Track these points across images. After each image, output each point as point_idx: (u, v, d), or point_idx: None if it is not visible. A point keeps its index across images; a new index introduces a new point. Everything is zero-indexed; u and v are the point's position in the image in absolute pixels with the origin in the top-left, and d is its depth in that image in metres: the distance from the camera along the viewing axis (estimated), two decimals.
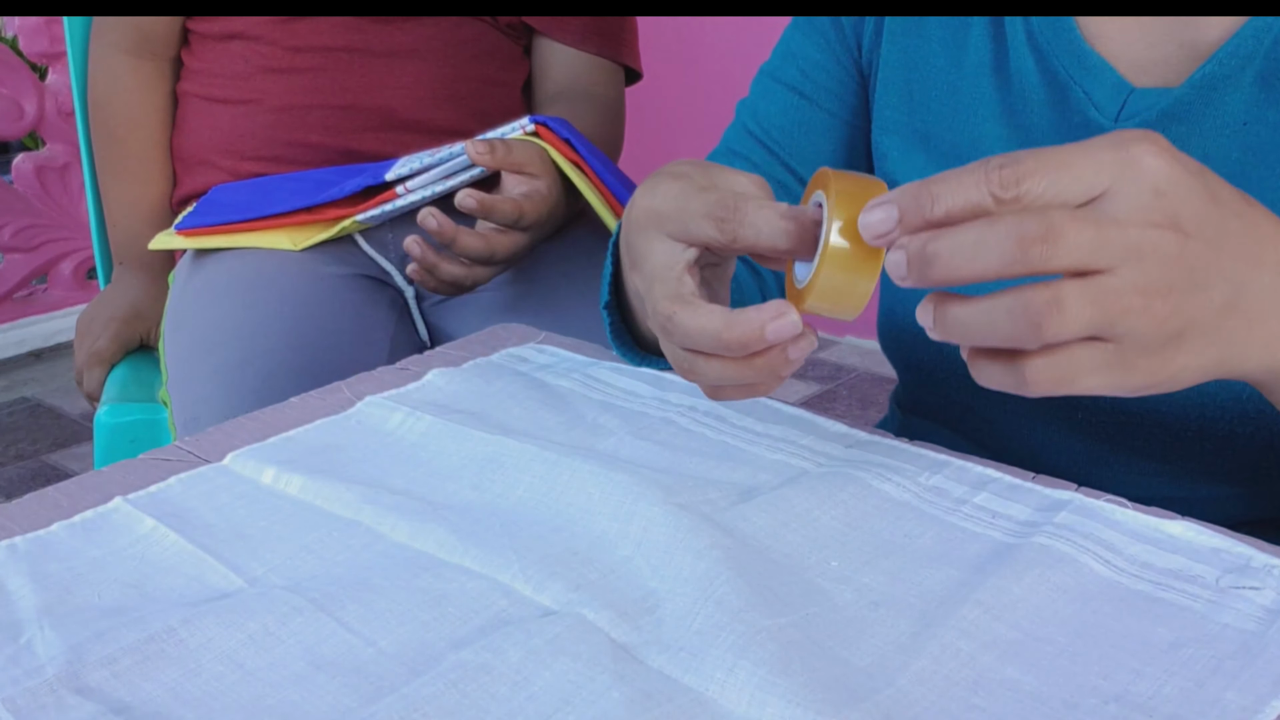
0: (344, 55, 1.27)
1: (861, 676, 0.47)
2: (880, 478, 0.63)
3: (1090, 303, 0.44)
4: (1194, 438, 0.70)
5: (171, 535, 0.58)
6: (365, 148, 1.27)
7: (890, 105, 0.81)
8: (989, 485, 0.62)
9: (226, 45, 1.29)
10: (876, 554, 0.57)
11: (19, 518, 0.59)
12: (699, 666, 0.48)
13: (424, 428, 0.68)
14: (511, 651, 0.48)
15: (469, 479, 0.63)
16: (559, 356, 0.80)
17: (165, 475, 0.63)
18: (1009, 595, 0.53)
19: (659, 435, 0.68)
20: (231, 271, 1.19)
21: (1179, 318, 0.46)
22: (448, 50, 1.29)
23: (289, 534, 0.58)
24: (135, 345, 1.38)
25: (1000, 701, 0.47)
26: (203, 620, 0.51)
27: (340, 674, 0.48)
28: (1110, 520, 0.58)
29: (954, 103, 0.78)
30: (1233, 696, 0.47)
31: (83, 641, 0.50)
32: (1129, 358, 0.46)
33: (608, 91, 1.37)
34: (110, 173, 1.38)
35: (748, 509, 0.59)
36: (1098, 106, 0.72)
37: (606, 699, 0.46)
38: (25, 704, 0.46)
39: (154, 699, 0.47)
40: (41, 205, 2.73)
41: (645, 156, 1.95)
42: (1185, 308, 0.46)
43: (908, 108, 0.80)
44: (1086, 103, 0.72)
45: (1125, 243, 0.44)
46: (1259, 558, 0.55)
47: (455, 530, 0.57)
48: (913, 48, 0.80)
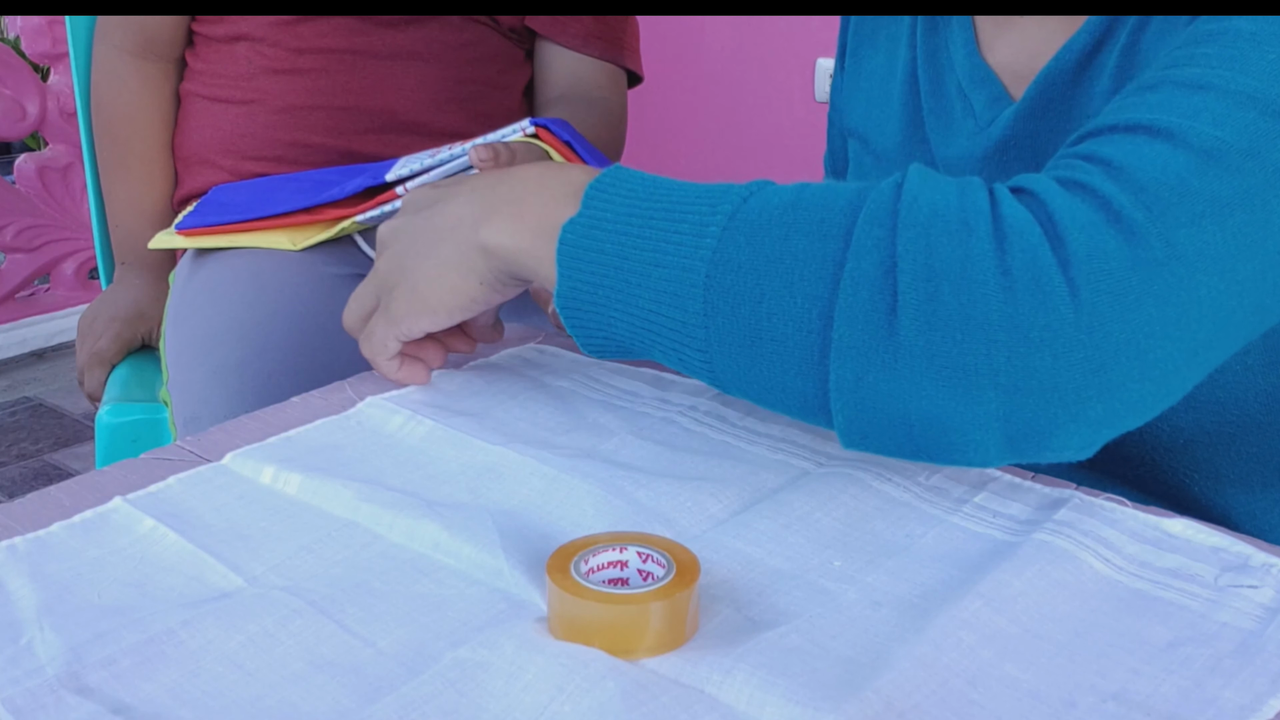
0: (347, 57, 1.28)
1: (865, 672, 0.47)
2: (881, 479, 0.63)
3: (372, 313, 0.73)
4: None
5: (171, 535, 0.58)
6: (366, 149, 1.27)
7: (847, 109, 0.88)
8: (988, 484, 0.62)
9: (231, 47, 1.30)
10: (879, 553, 0.57)
11: (20, 517, 0.59)
12: (694, 670, 0.48)
13: (424, 431, 0.68)
14: (506, 644, 0.49)
15: (465, 484, 0.63)
16: (559, 357, 0.80)
17: (166, 475, 0.63)
18: (1010, 589, 0.53)
19: (660, 435, 0.69)
20: (232, 271, 1.19)
21: (401, 278, 0.70)
22: (450, 53, 1.30)
23: (288, 534, 0.58)
24: (137, 345, 1.38)
25: (999, 698, 0.47)
26: (202, 622, 0.51)
27: (339, 674, 0.48)
28: (1109, 519, 0.58)
29: (884, 109, 0.83)
30: (1231, 695, 0.47)
31: (83, 642, 0.50)
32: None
33: (609, 95, 1.37)
34: (112, 173, 1.38)
35: (749, 516, 0.60)
36: (976, 117, 0.75)
37: (601, 689, 0.46)
38: (25, 704, 0.46)
39: (154, 699, 0.47)
40: (43, 205, 2.73)
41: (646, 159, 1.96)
42: (398, 251, 0.70)
43: (859, 111, 0.86)
44: (969, 114, 0.76)
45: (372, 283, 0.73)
46: (1258, 556, 0.55)
47: (451, 529, 0.57)
48: (865, 55, 0.85)
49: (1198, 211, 0.53)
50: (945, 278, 0.52)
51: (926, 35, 0.79)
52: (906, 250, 0.53)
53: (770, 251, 0.55)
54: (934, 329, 0.52)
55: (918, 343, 0.52)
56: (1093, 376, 0.51)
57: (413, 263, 0.68)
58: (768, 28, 2.65)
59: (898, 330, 0.52)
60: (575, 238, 0.61)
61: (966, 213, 0.53)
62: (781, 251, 0.55)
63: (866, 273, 0.53)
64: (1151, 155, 0.54)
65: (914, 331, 0.52)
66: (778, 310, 0.55)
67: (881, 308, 0.53)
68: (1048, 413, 0.52)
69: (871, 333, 0.53)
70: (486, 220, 0.66)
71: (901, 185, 0.55)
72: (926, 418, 0.53)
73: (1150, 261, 0.52)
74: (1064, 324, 0.51)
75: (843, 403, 0.55)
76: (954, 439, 0.54)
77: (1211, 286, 0.53)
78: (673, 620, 0.49)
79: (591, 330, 0.62)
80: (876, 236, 0.53)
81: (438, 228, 0.68)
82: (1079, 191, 0.54)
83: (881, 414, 0.54)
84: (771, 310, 0.55)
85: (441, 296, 0.68)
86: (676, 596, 0.48)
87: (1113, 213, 0.52)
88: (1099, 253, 0.52)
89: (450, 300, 0.68)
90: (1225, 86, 0.55)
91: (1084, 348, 0.51)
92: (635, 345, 0.61)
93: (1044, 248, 0.52)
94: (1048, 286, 0.51)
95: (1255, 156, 0.54)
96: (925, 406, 0.53)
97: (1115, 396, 0.52)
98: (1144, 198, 0.53)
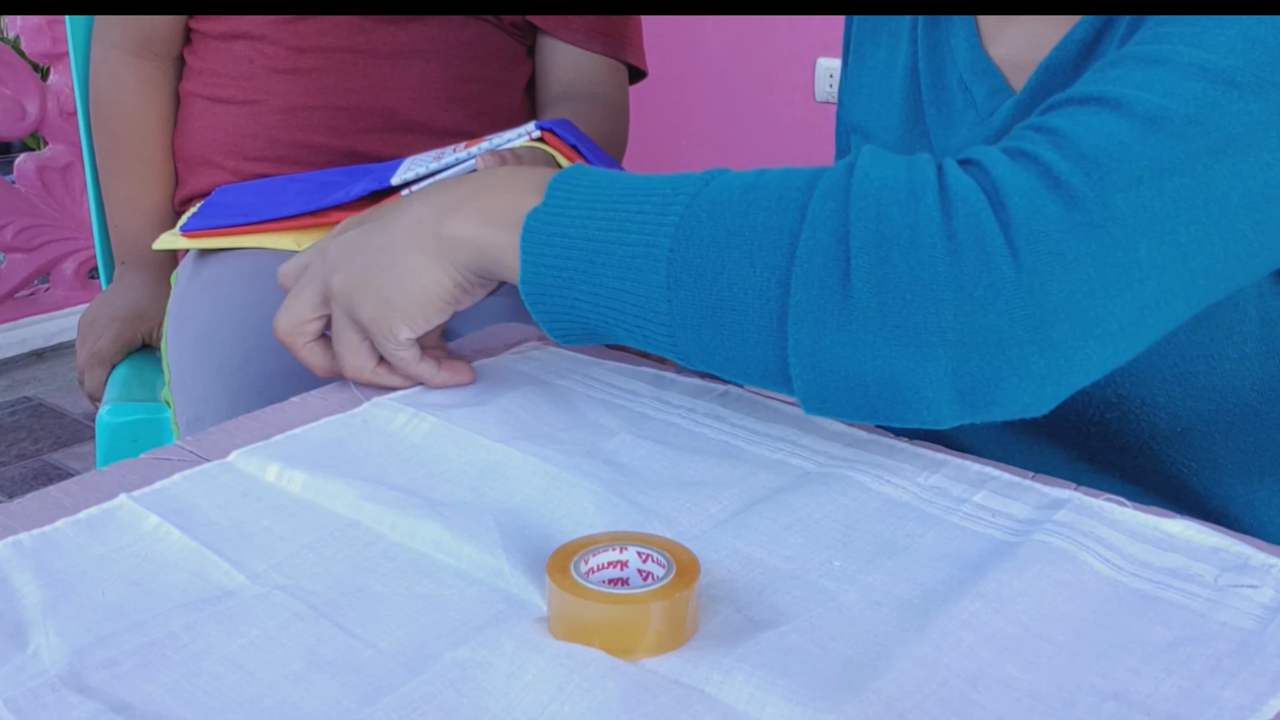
0: (348, 56, 1.27)
1: (865, 672, 0.47)
2: (879, 479, 0.63)
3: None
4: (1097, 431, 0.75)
5: (175, 532, 0.58)
6: (368, 148, 1.27)
7: (850, 105, 0.89)
8: (987, 484, 0.62)
9: (230, 45, 1.30)
10: (879, 553, 0.57)
11: (20, 517, 0.59)
12: (694, 670, 0.48)
13: (427, 429, 0.69)
14: (507, 644, 0.49)
15: (468, 483, 0.63)
16: (560, 356, 0.80)
17: (166, 474, 0.63)
18: (1010, 589, 0.53)
19: (660, 435, 0.69)
20: (234, 272, 1.19)
21: (350, 278, 0.70)
22: (451, 51, 1.29)
23: (290, 532, 0.58)
24: (137, 345, 1.38)
25: (999, 698, 0.47)
26: (204, 625, 0.51)
27: (339, 674, 0.48)
28: (1109, 519, 0.59)
29: (885, 103, 0.83)
30: (1231, 695, 0.47)
31: (85, 642, 0.50)
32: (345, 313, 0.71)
33: (612, 91, 1.37)
34: (112, 173, 1.38)
35: (749, 516, 0.60)
36: (978, 109, 0.76)
37: (601, 689, 0.46)
38: (27, 703, 0.46)
39: (154, 698, 0.47)
40: (43, 205, 2.73)
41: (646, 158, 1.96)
42: (352, 270, 0.70)
43: (861, 106, 0.87)
44: (970, 105, 0.76)
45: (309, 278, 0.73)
46: (1257, 556, 0.55)
47: (452, 529, 0.57)
48: (867, 52, 0.86)
49: (1135, 176, 0.55)
50: (895, 244, 0.55)
51: (928, 30, 0.80)
52: (858, 219, 0.56)
53: (731, 225, 0.58)
54: (885, 291, 0.54)
55: (870, 305, 0.55)
56: (1034, 333, 0.54)
57: (377, 274, 0.69)
58: (768, 28, 2.66)
59: (851, 294, 0.55)
60: (539, 224, 0.63)
61: (915, 184, 0.56)
62: (741, 225, 0.58)
63: (821, 241, 0.56)
64: (1097, 124, 0.56)
65: (866, 294, 0.55)
66: (738, 280, 0.57)
67: (836, 273, 0.55)
68: (992, 368, 0.54)
69: (827, 297, 0.55)
70: (449, 215, 0.67)
71: (854, 164, 0.58)
72: (881, 378, 0.56)
73: (1087, 224, 0.54)
74: (1005, 283, 0.54)
75: (801, 367, 0.57)
76: (908, 397, 0.56)
77: (1151, 249, 0.55)
78: (673, 620, 0.49)
79: (557, 314, 0.64)
80: (830, 208, 0.56)
81: (395, 237, 0.68)
82: (1022, 160, 0.56)
83: (838, 376, 0.57)
84: (732, 280, 0.58)
85: (413, 300, 0.68)
86: (676, 596, 0.49)
87: (1052, 178, 0.55)
88: (1038, 216, 0.54)
89: (424, 303, 0.68)
90: (1180, 60, 0.57)
91: (1024, 305, 0.54)
92: (600, 326, 0.63)
93: (986, 213, 0.55)
94: (990, 248, 0.54)
95: (1199, 124, 0.56)
96: (879, 367, 0.55)
97: (1057, 352, 0.55)
98: (1084, 164, 0.55)
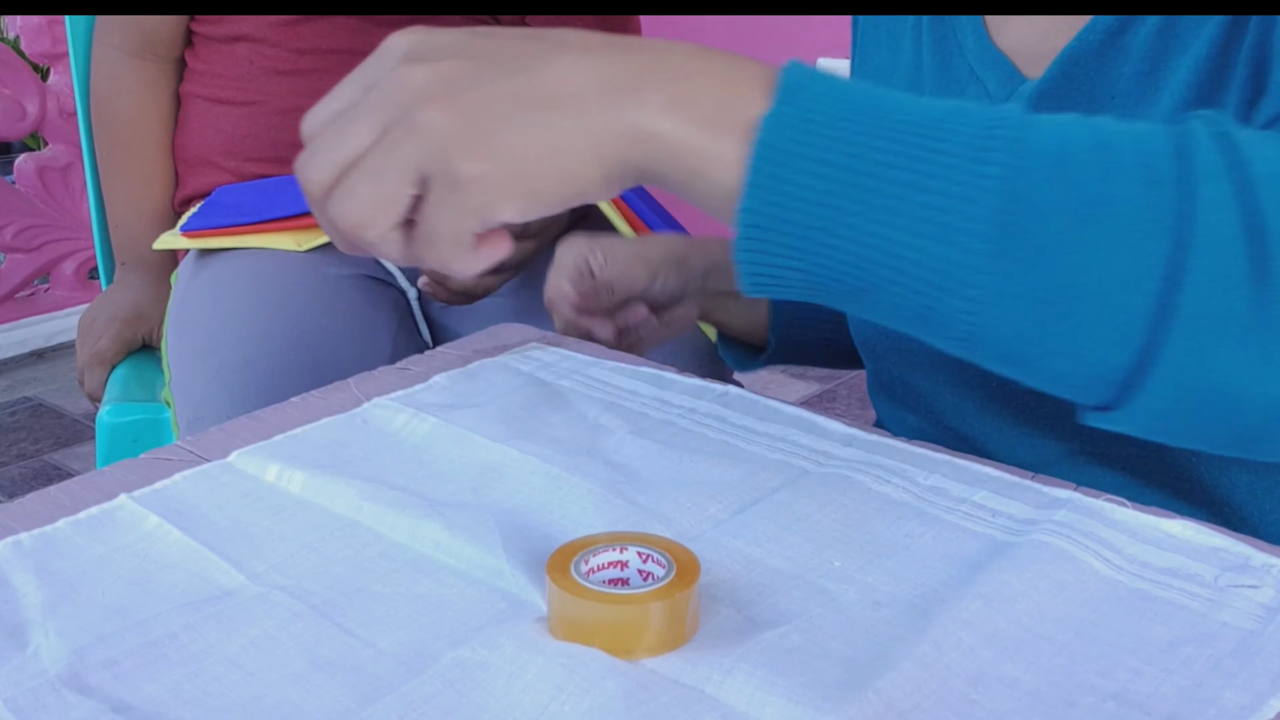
0: (348, 57, 1.27)
1: (865, 673, 0.47)
2: (879, 479, 0.63)
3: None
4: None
5: (175, 532, 0.58)
6: None
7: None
8: (987, 484, 0.62)
9: (231, 47, 1.30)
10: (879, 553, 0.57)
11: (20, 517, 0.59)
12: (694, 670, 0.48)
13: (427, 429, 0.69)
14: (507, 644, 0.49)
15: (468, 483, 0.63)
16: (560, 356, 0.80)
17: (166, 474, 0.63)
18: (1010, 589, 0.53)
19: (660, 435, 0.69)
20: (234, 272, 1.19)
21: (460, 116, 0.50)
22: None
23: (291, 532, 0.58)
24: (137, 345, 1.38)
25: (999, 698, 0.47)
26: (204, 625, 0.51)
27: (339, 674, 0.48)
28: (1109, 519, 0.59)
29: None
30: (1231, 695, 0.47)
31: (85, 642, 0.50)
32: (446, 181, 0.51)
33: None
34: (112, 173, 1.38)
35: (749, 516, 0.60)
36: (991, 95, 0.76)
37: (601, 689, 0.46)
38: (26, 703, 0.46)
39: (154, 698, 0.47)
40: (43, 205, 2.73)
41: None
42: (462, 106, 0.50)
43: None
44: (982, 94, 0.76)
45: (383, 93, 0.53)
46: (1258, 556, 0.55)
47: (452, 529, 0.57)
48: (870, 53, 0.86)
49: None
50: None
51: (933, 26, 0.80)
52: (1276, 211, 0.46)
53: (1083, 192, 0.46)
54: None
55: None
56: None
57: (504, 125, 0.50)
58: (768, 28, 2.66)
59: (1268, 301, 0.46)
60: (782, 139, 0.47)
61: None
62: (1098, 193, 0.46)
63: (1225, 232, 0.46)
64: None
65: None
66: (1098, 264, 0.46)
67: (1245, 274, 0.46)
68: None
69: (1234, 301, 0.46)
70: (632, 96, 0.50)
71: (1225, 135, 0.48)
72: (1275, 401, 0.48)
73: None
74: None
75: (1168, 378, 0.47)
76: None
77: None
78: (673, 620, 0.49)
79: (782, 258, 0.49)
80: (1223, 191, 0.46)
81: (541, 91, 0.51)
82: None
83: (1214, 393, 0.48)
84: (1090, 263, 0.46)
85: (550, 182, 0.51)
86: (676, 597, 0.49)
87: None
88: None
89: (561, 188, 0.51)
90: None
91: None
92: (846, 286, 0.49)
93: None
94: None
95: None
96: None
97: None
98: None
